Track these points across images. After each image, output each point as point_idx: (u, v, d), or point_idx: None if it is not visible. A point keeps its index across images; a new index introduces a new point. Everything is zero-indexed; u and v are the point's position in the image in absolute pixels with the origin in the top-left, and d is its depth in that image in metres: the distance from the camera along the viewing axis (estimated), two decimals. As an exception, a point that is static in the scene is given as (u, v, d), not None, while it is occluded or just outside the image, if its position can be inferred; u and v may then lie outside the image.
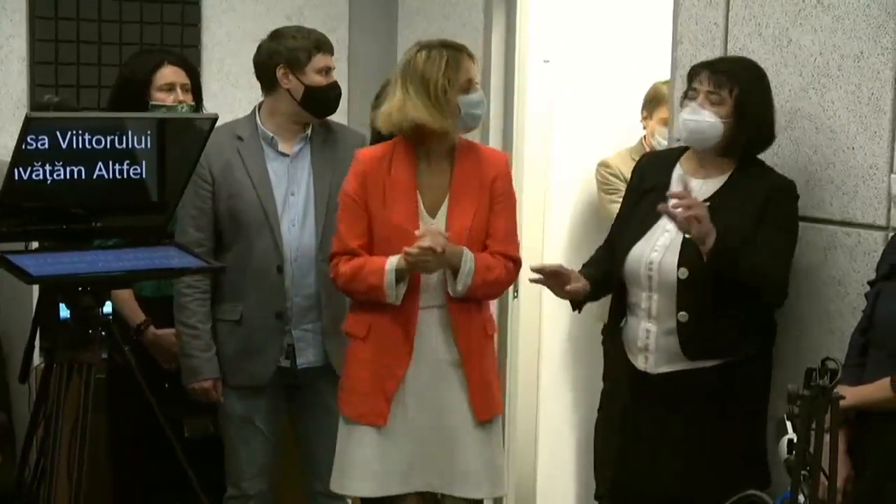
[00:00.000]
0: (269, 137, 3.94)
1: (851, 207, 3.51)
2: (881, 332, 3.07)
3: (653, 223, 3.51)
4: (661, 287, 3.45)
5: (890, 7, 3.39)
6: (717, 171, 3.51)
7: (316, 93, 3.89)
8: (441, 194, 3.68)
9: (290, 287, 3.91)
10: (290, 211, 3.92)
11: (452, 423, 3.65)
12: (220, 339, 3.96)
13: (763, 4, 3.73)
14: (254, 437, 4.00)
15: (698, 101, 3.44)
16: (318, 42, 3.90)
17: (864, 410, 3.06)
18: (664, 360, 3.47)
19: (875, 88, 3.44)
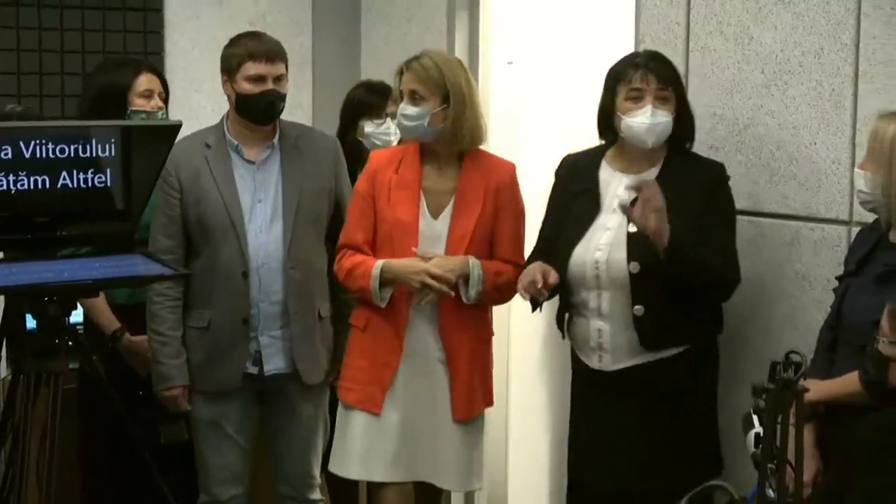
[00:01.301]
0: (234, 145, 3.94)
1: (815, 203, 3.54)
2: (849, 328, 3.10)
3: (589, 224, 3.56)
4: (612, 284, 3.49)
5: (849, 3, 3.42)
6: (647, 165, 3.56)
7: (246, 100, 3.88)
8: (446, 198, 3.78)
9: (257, 293, 3.91)
10: (257, 218, 3.92)
11: (435, 418, 3.77)
12: (189, 346, 3.96)
13: (724, 3, 3.76)
14: (223, 443, 4.00)
15: (649, 102, 3.46)
16: (252, 50, 3.87)
17: (833, 405, 3.10)
18: (620, 356, 3.51)
19: (836, 84, 3.47)
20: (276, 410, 4.06)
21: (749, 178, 3.71)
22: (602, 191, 3.58)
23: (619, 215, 3.49)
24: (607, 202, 3.56)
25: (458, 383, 3.78)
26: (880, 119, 3.08)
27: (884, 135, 3.02)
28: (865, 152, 3.11)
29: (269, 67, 3.89)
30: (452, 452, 3.80)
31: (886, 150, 3.01)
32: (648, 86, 3.46)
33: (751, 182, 3.70)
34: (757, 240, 3.69)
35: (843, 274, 3.24)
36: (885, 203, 3.05)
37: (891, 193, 3.02)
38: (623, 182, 3.54)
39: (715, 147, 3.79)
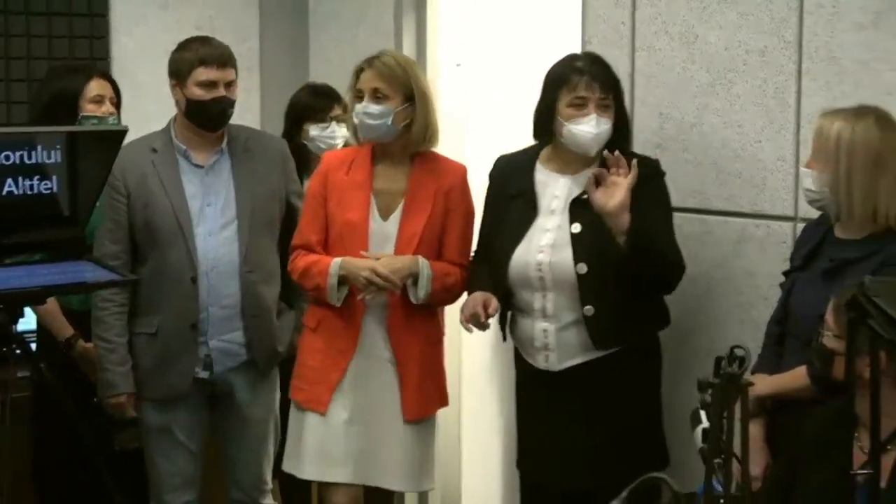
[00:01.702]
0: (182, 150, 3.93)
1: (760, 200, 3.57)
2: (796, 322, 3.13)
3: (528, 226, 3.56)
4: (556, 285, 3.50)
5: (791, 1, 3.46)
6: (583, 166, 3.55)
7: (196, 106, 3.86)
8: (396, 199, 3.78)
9: (206, 298, 3.88)
10: (207, 222, 3.90)
11: (385, 419, 3.77)
12: (137, 352, 3.93)
13: (669, 3, 3.79)
14: (174, 450, 3.98)
15: (592, 110, 3.46)
16: (203, 56, 3.85)
17: (781, 399, 3.13)
18: (567, 354, 3.52)
19: (780, 82, 3.51)
20: (226, 415, 4.04)
21: (696, 176, 3.73)
22: (539, 192, 3.58)
23: (559, 217, 3.52)
24: (545, 204, 3.57)
25: (408, 384, 3.78)
26: (824, 117, 3.11)
27: (829, 133, 3.05)
28: (811, 151, 3.14)
29: (220, 73, 3.87)
30: (403, 453, 3.79)
31: (832, 148, 3.04)
32: (593, 94, 3.46)
33: (698, 180, 3.73)
34: (704, 237, 3.72)
35: (790, 269, 3.28)
36: (834, 200, 3.08)
37: (839, 191, 3.05)
38: (560, 183, 3.56)
39: (662, 146, 3.81)
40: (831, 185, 3.06)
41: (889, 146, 3.02)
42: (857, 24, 3.31)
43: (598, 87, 3.46)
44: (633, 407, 3.54)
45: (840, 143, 3.02)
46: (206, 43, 3.94)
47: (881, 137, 3.02)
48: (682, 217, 3.69)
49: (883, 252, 3.00)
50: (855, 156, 3.01)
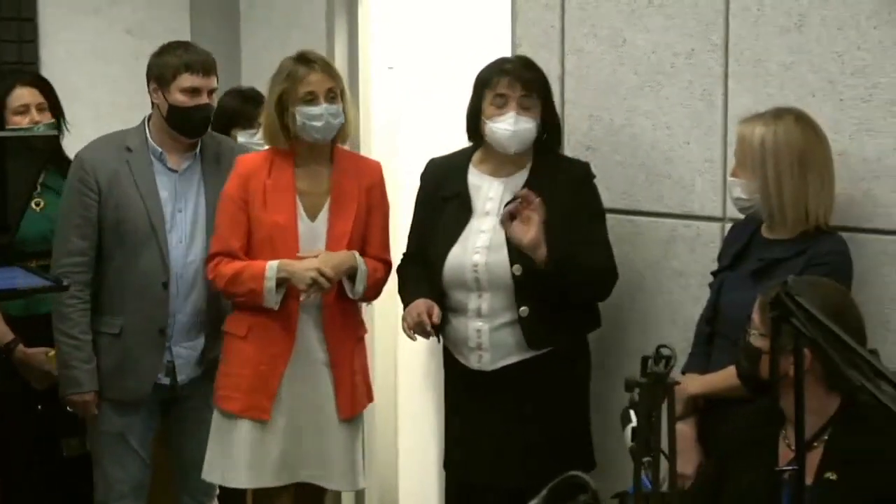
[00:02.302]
0: (158, 152, 3.91)
1: (689, 201, 3.62)
2: (725, 321, 3.17)
3: (462, 228, 3.59)
4: (492, 286, 3.53)
5: (718, 5, 3.50)
6: (515, 168, 3.61)
7: (179, 112, 3.85)
8: (320, 199, 3.79)
9: (175, 304, 3.88)
10: (178, 228, 3.88)
11: (321, 419, 3.78)
12: (98, 351, 3.91)
13: (598, 6, 3.82)
14: (127, 456, 3.96)
15: (512, 108, 3.50)
16: (188, 62, 3.83)
17: (712, 399, 3.17)
18: (500, 354, 3.55)
19: (707, 84, 3.55)
20: (182, 419, 4.03)
21: (626, 177, 3.77)
22: (472, 194, 3.62)
23: (493, 219, 3.55)
24: (479, 205, 3.60)
25: (342, 382, 3.79)
26: (743, 124, 3.16)
27: (751, 139, 3.09)
28: (736, 160, 3.18)
29: (204, 80, 3.86)
30: (339, 452, 3.81)
31: (758, 154, 3.09)
32: (513, 92, 3.51)
33: (628, 181, 3.77)
34: (634, 238, 3.76)
35: (719, 269, 3.32)
36: (765, 205, 3.12)
37: (769, 196, 3.09)
38: (494, 186, 3.61)
39: (592, 148, 3.85)
40: (761, 190, 3.10)
41: (811, 145, 3.08)
42: (782, 27, 3.36)
43: (519, 85, 3.51)
44: (562, 407, 3.57)
45: (765, 148, 3.07)
46: (189, 49, 3.92)
47: (803, 137, 3.07)
48: (613, 218, 3.73)
49: (809, 251, 3.05)
50: (781, 159, 3.06)
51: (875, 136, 3.19)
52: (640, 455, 1.99)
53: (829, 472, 2.57)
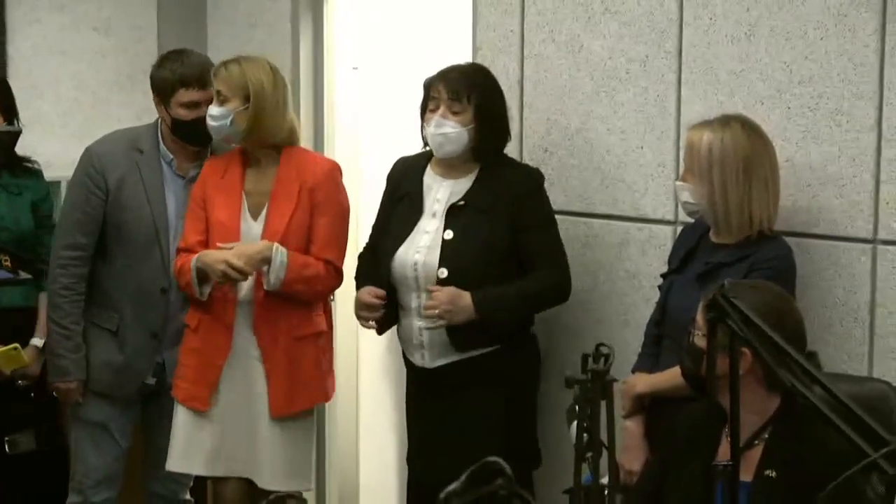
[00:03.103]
0: (168, 158, 3.97)
1: (642, 204, 3.70)
2: (672, 323, 3.24)
3: (412, 227, 3.68)
4: (428, 286, 3.61)
5: (671, 13, 3.58)
6: (465, 171, 3.68)
7: (181, 125, 3.92)
8: (264, 199, 3.86)
9: (171, 310, 3.96)
10: (179, 235, 3.93)
11: (253, 416, 3.83)
12: (91, 342, 3.98)
13: (556, 12, 3.89)
14: (106, 445, 4.03)
15: (440, 112, 3.59)
16: (184, 77, 3.88)
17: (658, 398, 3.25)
18: (438, 353, 3.64)
19: (661, 90, 3.63)
20: (161, 408, 4.08)
21: (581, 180, 3.85)
22: (424, 194, 3.70)
23: (438, 219, 3.64)
24: (428, 206, 3.68)
25: (274, 380, 3.82)
26: (692, 131, 3.23)
27: (699, 145, 3.17)
28: (684, 165, 3.26)
29: (202, 93, 3.90)
30: (270, 450, 3.83)
31: (705, 161, 3.16)
32: (440, 96, 3.60)
33: (583, 185, 3.84)
34: (590, 240, 3.84)
35: (668, 271, 3.40)
36: (711, 210, 3.19)
37: (715, 201, 3.16)
38: (442, 188, 3.68)
39: (549, 151, 3.92)
40: (708, 196, 3.17)
41: (757, 151, 3.16)
42: (732, 36, 3.44)
43: (444, 89, 3.59)
44: (503, 405, 3.63)
45: (712, 154, 3.14)
46: (184, 61, 3.95)
47: (749, 144, 3.15)
48: (568, 220, 3.81)
49: (753, 256, 3.12)
50: (727, 165, 3.13)
51: (820, 143, 3.27)
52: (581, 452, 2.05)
53: (769, 470, 2.63)
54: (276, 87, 3.85)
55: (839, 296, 3.26)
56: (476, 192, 3.61)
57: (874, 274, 3.20)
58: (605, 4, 3.75)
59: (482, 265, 3.58)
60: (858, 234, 3.22)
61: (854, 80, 3.20)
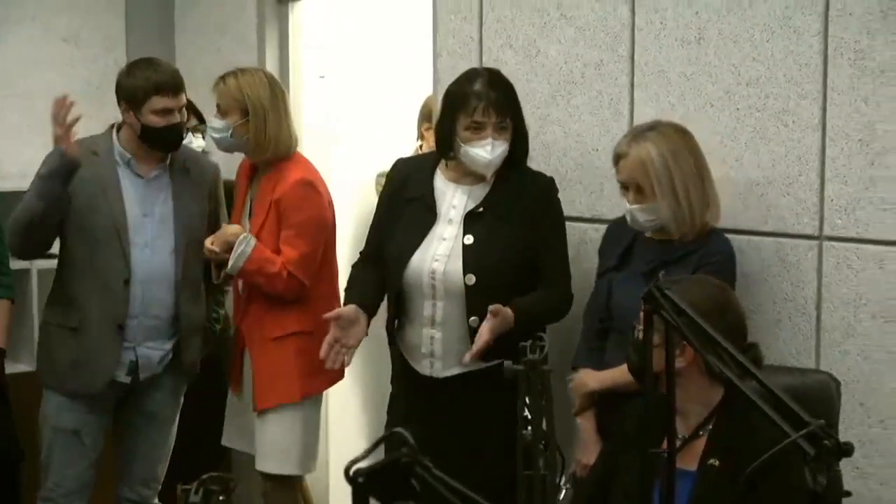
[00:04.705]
0: (126, 158, 4.02)
1: (599, 205, 3.77)
2: (620, 320, 3.29)
3: (425, 233, 3.59)
4: (447, 295, 3.54)
5: (624, 18, 3.66)
6: (478, 179, 3.60)
7: (151, 132, 3.97)
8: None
9: (138, 306, 4.00)
10: (144, 232, 4.01)
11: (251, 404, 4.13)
12: (54, 344, 4.03)
13: (513, 18, 3.97)
14: (78, 453, 4.07)
15: (489, 134, 3.48)
16: (158, 84, 3.94)
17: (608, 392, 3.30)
18: (451, 363, 3.57)
19: (614, 94, 3.71)
20: (135, 412, 4.16)
21: (540, 183, 3.91)
22: (438, 199, 3.61)
23: (455, 227, 3.57)
24: (443, 211, 3.60)
25: (256, 375, 4.09)
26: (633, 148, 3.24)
27: (650, 159, 3.20)
28: (630, 188, 3.26)
29: (175, 100, 3.99)
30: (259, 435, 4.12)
31: (663, 172, 3.19)
32: (490, 119, 3.48)
33: (541, 187, 3.91)
34: (548, 241, 3.90)
35: (606, 269, 3.44)
36: (675, 218, 3.23)
37: (681, 207, 3.21)
38: (458, 193, 3.60)
39: (508, 154, 3.98)
40: (672, 205, 3.21)
41: (695, 146, 3.25)
42: (682, 40, 3.52)
43: (494, 112, 3.48)
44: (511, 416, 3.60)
45: (668, 164, 3.19)
46: (157, 69, 4.01)
47: (688, 142, 3.25)
48: (527, 222, 3.87)
49: (701, 250, 3.20)
50: (685, 169, 3.20)
51: (768, 143, 3.35)
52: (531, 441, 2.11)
53: (713, 459, 2.70)
54: (273, 98, 4.03)
55: (787, 291, 3.34)
56: (494, 198, 3.56)
57: (820, 270, 3.28)
58: (560, 11, 3.82)
59: (508, 270, 3.53)
60: (805, 230, 3.30)
61: (799, 80, 3.28)
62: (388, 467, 1.41)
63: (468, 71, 3.67)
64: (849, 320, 3.24)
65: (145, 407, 4.16)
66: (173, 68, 4.10)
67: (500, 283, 3.51)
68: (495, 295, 3.48)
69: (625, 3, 3.66)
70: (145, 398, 4.14)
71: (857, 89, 3.18)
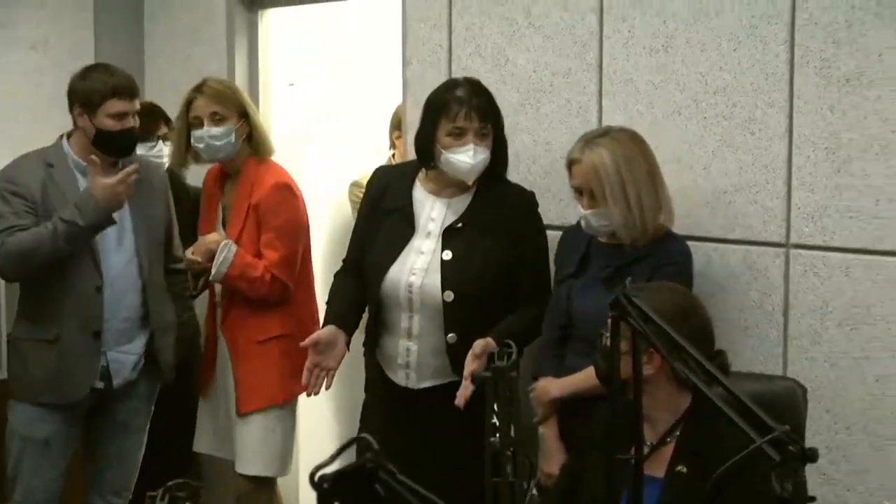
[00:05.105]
0: (81, 166, 3.99)
1: (568, 213, 3.77)
2: (581, 327, 3.30)
3: (403, 245, 3.58)
4: (424, 309, 3.54)
5: (592, 27, 3.68)
6: (461, 189, 3.59)
7: (106, 136, 3.94)
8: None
9: (109, 310, 3.99)
10: (107, 237, 3.98)
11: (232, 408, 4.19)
12: (31, 359, 4.00)
13: (482, 27, 3.98)
14: (49, 464, 4.04)
15: (470, 139, 3.47)
16: (115, 87, 3.92)
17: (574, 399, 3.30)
18: (427, 375, 3.58)
19: (583, 102, 3.72)
20: (107, 420, 4.14)
21: (509, 191, 3.92)
22: (417, 211, 3.60)
23: (434, 240, 3.56)
24: (422, 224, 3.59)
25: (238, 379, 4.13)
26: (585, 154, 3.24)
27: (603, 165, 3.20)
28: (584, 194, 3.26)
29: (130, 104, 3.97)
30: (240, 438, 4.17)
31: (615, 177, 3.19)
32: (471, 124, 3.47)
33: (510, 195, 3.91)
34: (517, 249, 3.90)
35: (564, 276, 3.43)
36: (626, 223, 3.22)
37: (633, 213, 3.20)
38: (437, 205, 3.60)
39: (477, 163, 3.99)
40: (623, 211, 3.20)
41: (648, 151, 3.26)
42: (650, 48, 3.54)
43: (476, 116, 3.48)
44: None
45: (620, 169, 3.19)
46: (113, 73, 4.00)
47: (641, 147, 3.25)
48: (496, 230, 3.87)
49: (657, 254, 3.21)
50: (637, 174, 3.20)
51: (735, 151, 3.38)
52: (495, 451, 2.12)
53: (680, 466, 2.71)
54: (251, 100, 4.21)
55: (755, 299, 3.36)
56: (473, 212, 3.56)
57: (787, 277, 3.30)
58: (528, 19, 3.84)
59: (486, 287, 3.51)
60: (772, 238, 3.33)
61: (766, 89, 3.31)
62: (353, 473, 1.41)
63: (448, 80, 3.69)
64: (815, 327, 3.26)
65: (118, 416, 4.14)
66: (128, 73, 4.08)
67: (478, 300, 3.51)
68: (473, 311, 3.49)
69: (593, 11, 3.68)
70: (119, 406, 4.12)
71: (822, 98, 3.21)
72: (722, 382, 2.05)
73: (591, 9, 3.68)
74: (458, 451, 3.50)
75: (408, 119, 4.19)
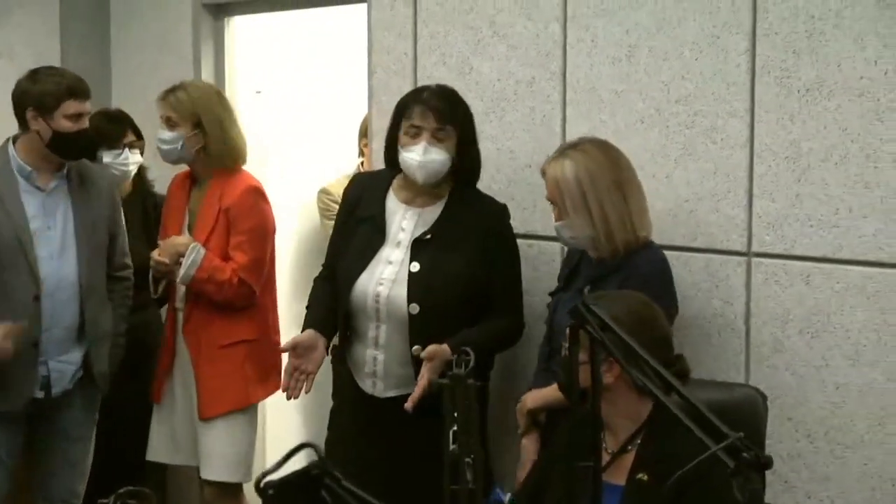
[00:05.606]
0: (26, 171, 3.96)
1: (532, 221, 3.79)
2: (557, 339, 3.30)
3: (373, 255, 3.58)
4: (390, 319, 3.54)
5: (556, 37, 3.70)
6: (431, 199, 3.60)
7: (63, 138, 3.92)
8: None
9: (48, 319, 3.95)
10: (49, 244, 3.96)
11: (193, 414, 4.18)
12: None
13: (447, 35, 3.99)
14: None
15: (424, 139, 3.48)
16: (71, 88, 3.92)
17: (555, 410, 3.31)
18: (393, 385, 3.58)
19: (547, 110, 3.74)
20: (49, 430, 4.11)
21: (473, 199, 3.92)
22: (388, 220, 3.61)
23: (403, 250, 3.56)
24: (392, 233, 3.59)
25: (200, 384, 4.13)
26: (550, 166, 3.27)
27: (565, 178, 3.22)
28: (555, 206, 3.29)
29: (85, 105, 3.98)
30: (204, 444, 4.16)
31: (576, 190, 3.20)
32: (427, 123, 3.48)
33: (475, 203, 3.92)
34: (482, 257, 3.91)
35: (556, 290, 3.47)
36: (593, 236, 3.23)
37: (596, 226, 3.21)
38: (408, 215, 3.59)
39: (442, 171, 3.99)
40: (588, 224, 3.22)
41: (620, 164, 3.25)
42: (613, 57, 3.56)
43: (433, 117, 3.48)
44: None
45: (582, 182, 3.20)
46: (63, 74, 4.01)
47: (609, 159, 3.24)
48: (461, 238, 3.88)
49: (626, 267, 3.20)
50: (599, 187, 3.19)
51: (697, 160, 3.40)
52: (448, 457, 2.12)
53: (641, 474, 2.71)
54: (224, 111, 4.17)
55: (717, 307, 3.38)
56: (443, 224, 3.56)
57: (749, 285, 3.32)
58: (493, 28, 3.85)
59: (453, 300, 3.50)
60: (734, 247, 3.35)
61: (727, 98, 3.33)
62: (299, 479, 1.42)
63: (421, 86, 3.73)
64: (777, 335, 3.28)
65: (60, 425, 4.11)
66: (77, 74, 4.07)
67: (444, 313, 3.50)
68: (439, 324, 3.48)
69: (556, 20, 3.69)
70: (58, 416, 4.09)
71: (783, 107, 3.23)
72: (678, 390, 2.06)
73: (555, 18, 3.69)
74: (421, 460, 3.39)
75: (373, 127, 4.20)
